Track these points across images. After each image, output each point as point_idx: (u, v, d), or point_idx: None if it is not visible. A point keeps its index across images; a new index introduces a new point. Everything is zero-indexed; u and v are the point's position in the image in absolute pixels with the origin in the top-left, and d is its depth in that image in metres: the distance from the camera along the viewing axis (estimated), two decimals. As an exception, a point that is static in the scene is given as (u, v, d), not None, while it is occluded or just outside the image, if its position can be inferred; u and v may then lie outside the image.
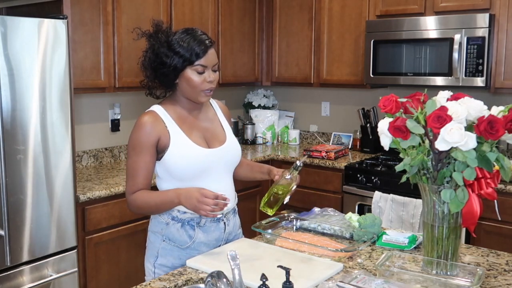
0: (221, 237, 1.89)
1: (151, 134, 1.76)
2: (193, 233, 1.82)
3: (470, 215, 1.53)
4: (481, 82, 3.17)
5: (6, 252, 2.39)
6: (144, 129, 1.77)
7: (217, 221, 1.86)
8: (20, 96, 2.40)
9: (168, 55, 1.74)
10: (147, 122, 1.78)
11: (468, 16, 3.20)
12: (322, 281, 1.53)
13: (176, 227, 1.82)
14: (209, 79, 1.77)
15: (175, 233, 1.83)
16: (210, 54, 1.77)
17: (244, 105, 4.69)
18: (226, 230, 1.90)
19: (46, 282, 2.55)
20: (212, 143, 1.87)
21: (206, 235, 1.84)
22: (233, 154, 1.93)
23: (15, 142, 2.39)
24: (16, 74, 2.37)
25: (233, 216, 1.96)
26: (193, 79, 1.76)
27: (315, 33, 4.00)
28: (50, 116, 2.53)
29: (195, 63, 1.75)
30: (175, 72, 1.76)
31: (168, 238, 1.84)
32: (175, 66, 1.75)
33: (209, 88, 1.79)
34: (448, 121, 1.42)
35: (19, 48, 2.37)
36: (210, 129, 1.90)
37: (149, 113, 1.81)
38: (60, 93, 2.56)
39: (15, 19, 2.37)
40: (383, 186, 3.31)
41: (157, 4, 3.36)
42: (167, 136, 1.78)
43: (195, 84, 1.77)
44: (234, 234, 1.96)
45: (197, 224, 1.83)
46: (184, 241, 1.83)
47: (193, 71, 1.76)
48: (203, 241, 1.84)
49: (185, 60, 1.74)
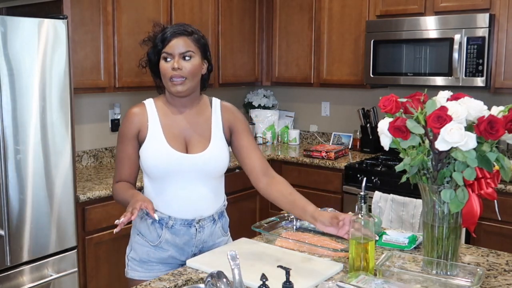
0: (192, 243, 1.83)
1: (132, 125, 1.79)
2: (161, 232, 1.81)
3: (470, 215, 1.53)
4: (481, 82, 3.17)
5: (6, 252, 2.39)
6: (127, 120, 1.80)
7: (188, 226, 1.81)
8: (20, 96, 2.40)
9: (150, 51, 1.81)
10: (131, 114, 1.80)
11: (468, 16, 3.20)
12: (322, 281, 1.53)
13: (147, 223, 1.82)
14: (174, 66, 1.72)
15: (146, 229, 1.83)
16: (176, 41, 1.74)
17: (244, 105, 4.69)
18: (197, 236, 1.83)
19: (46, 282, 2.55)
20: (191, 147, 1.80)
21: (173, 237, 1.81)
22: (212, 162, 1.81)
23: (15, 142, 2.39)
24: (16, 74, 2.37)
25: (212, 224, 1.86)
26: (162, 67, 1.76)
27: (315, 33, 4.00)
28: (50, 116, 2.53)
29: (162, 51, 1.75)
30: (156, 65, 1.79)
31: (141, 232, 1.84)
32: (151, 59, 1.80)
33: (174, 76, 1.73)
34: (448, 121, 1.42)
35: (19, 48, 2.37)
36: (195, 132, 1.82)
37: (138, 105, 1.83)
38: (60, 93, 2.56)
39: (15, 19, 2.37)
40: (383, 186, 3.31)
41: (157, 4, 3.36)
42: (145, 130, 1.78)
43: (163, 72, 1.76)
44: (211, 243, 1.88)
45: (166, 224, 1.80)
46: (153, 238, 1.82)
47: (162, 60, 1.76)
48: (171, 242, 1.82)
49: (155, 50, 1.77)
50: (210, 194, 1.84)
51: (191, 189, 1.80)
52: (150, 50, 1.81)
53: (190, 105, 1.85)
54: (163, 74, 1.76)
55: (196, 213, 1.81)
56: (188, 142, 1.81)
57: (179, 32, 1.76)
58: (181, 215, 1.80)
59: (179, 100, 1.82)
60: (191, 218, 1.80)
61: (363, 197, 1.51)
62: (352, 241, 1.51)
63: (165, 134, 1.78)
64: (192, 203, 1.81)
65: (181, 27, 1.78)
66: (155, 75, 1.84)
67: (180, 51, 1.74)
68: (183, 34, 1.76)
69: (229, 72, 4.02)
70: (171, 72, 1.73)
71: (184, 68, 1.73)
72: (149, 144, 1.78)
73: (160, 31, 1.79)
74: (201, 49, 1.80)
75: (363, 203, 1.50)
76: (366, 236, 1.49)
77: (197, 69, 1.77)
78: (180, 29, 1.77)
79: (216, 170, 1.84)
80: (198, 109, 1.86)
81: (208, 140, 1.82)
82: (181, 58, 1.74)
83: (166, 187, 1.79)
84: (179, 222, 1.80)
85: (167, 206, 1.80)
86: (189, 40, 1.76)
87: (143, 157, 1.79)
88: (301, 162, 3.76)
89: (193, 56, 1.76)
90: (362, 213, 1.49)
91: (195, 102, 1.85)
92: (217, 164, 1.83)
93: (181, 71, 1.73)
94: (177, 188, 1.78)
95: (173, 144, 1.77)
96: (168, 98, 1.84)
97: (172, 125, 1.81)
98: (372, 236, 1.49)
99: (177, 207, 1.80)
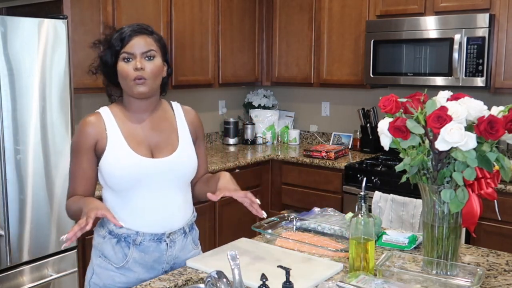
0: (162, 259, 1.69)
1: (88, 137, 1.64)
2: (128, 252, 1.65)
3: (470, 215, 1.53)
4: (481, 82, 3.17)
5: (6, 252, 2.39)
6: (82, 131, 1.65)
7: (158, 241, 1.67)
8: (20, 96, 2.40)
9: (103, 53, 1.68)
10: (86, 124, 1.65)
11: (468, 16, 3.20)
12: (322, 281, 1.53)
13: (111, 242, 1.66)
14: (137, 66, 1.60)
15: (110, 249, 1.66)
16: (137, 40, 1.62)
17: (244, 105, 4.69)
18: (168, 252, 1.69)
19: (46, 282, 2.55)
20: (157, 153, 1.68)
21: (142, 255, 1.66)
22: (182, 166, 1.71)
23: (15, 142, 2.40)
24: (16, 74, 2.37)
25: (183, 237, 1.73)
26: (121, 69, 1.62)
27: (315, 33, 4.00)
28: (50, 116, 2.53)
29: (121, 52, 1.62)
30: (112, 67, 1.65)
31: (104, 254, 1.68)
32: (106, 61, 1.66)
33: (138, 76, 1.60)
34: (448, 121, 1.42)
35: (19, 48, 2.37)
36: (160, 136, 1.71)
37: (92, 115, 1.68)
38: (60, 93, 2.56)
39: (15, 19, 2.37)
40: (383, 186, 3.31)
41: (157, 4, 3.36)
42: (104, 139, 1.64)
43: (124, 74, 1.62)
44: (183, 258, 1.73)
45: (133, 241, 1.65)
46: (118, 259, 1.66)
47: (121, 61, 1.63)
48: (139, 261, 1.66)
49: (112, 51, 1.64)
50: (182, 202, 1.73)
51: (162, 197, 1.67)
52: (104, 52, 1.68)
53: (151, 110, 1.72)
54: (124, 76, 1.62)
55: (167, 226, 1.68)
56: (154, 148, 1.68)
57: (139, 31, 1.65)
58: (151, 229, 1.65)
59: (138, 104, 1.69)
60: (161, 232, 1.67)
61: (363, 197, 1.51)
62: (352, 241, 1.52)
63: (127, 141, 1.65)
64: (163, 213, 1.68)
65: (140, 26, 1.67)
66: (110, 80, 1.71)
67: (142, 50, 1.62)
68: (144, 33, 1.65)
69: (229, 72, 4.02)
70: (134, 73, 1.61)
71: (146, 68, 1.62)
72: (110, 154, 1.63)
73: (115, 32, 1.67)
74: (161, 50, 1.69)
75: (363, 203, 1.50)
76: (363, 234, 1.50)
77: (159, 70, 1.67)
78: (139, 27, 1.66)
79: (187, 175, 1.74)
80: (160, 114, 1.75)
81: (175, 144, 1.71)
82: (143, 58, 1.62)
83: (133, 198, 1.65)
84: (148, 238, 1.65)
85: (135, 220, 1.65)
86: (151, 39, 1.66)
87: (105, 169, 1.64)
88: (301, 162, 3.76)
89: (156, 56, 1.65)
90: (362, 213, 1.50)
91: (156, 107, 1.74)
92: (187, 168, 1.73)
93: (143, 72, 1.61)
94: (146, 198, 1.65)
95: (138, 150, 1.65)
96: (126, 103, 1.70)
97: (134, 132, 1.68)
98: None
99: (147, 220, 1.65)
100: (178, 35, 3.51)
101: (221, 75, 3.94)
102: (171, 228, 1.69)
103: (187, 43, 3.60)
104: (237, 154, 3.98)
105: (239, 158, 3.78)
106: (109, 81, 1.72)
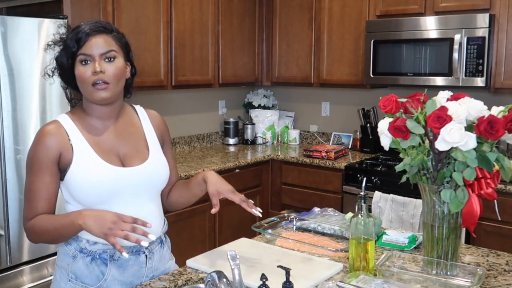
0: (141, 273, 1.57)
1: (50, 149, 1.47)
2: (105, 269, 1.52)
3: (470, 215, 1.53)
4: (481, 82, 3.17)
5: (6, 252, 2.40)
6: (42, 144, 1.48)
7: (137, 253, 1.55)
8: (20, 96, 2.40)
9: (59, 54, 1.54)
10: (46, 135, 1.49)
11: (468, 16, 3.20)
12: (322, 281, 1.52)
13: (85, 261, 1.51)
14: (96, 69, 1.45)
15: (83, 269, 1.51)
16: (94, 40, 1.47)
17: (244, 105, 4.69)
18: (148, 264, 1.59)
19: (46, 282, 2.55)
20: (128, 161, 1.56)
21: (121, 272, 1.53)
22: (156, 174, 1.60)
23: (15, 142, 2.40)
24: (16, 74, 2.37)
25: (160, 247, 1.64)
26: (79, 72, 1.48)
27: (315, 33, 4.00)
28: (50, 116, 2.53)
29: (78, 53, 1.47)
30: (69, 70, 1.51)
31: (75, 275, 1.52)
32: (62, 64, 1.52)
33: (98, 80, 1.46)
34: (448, 121, 1.42)
35: (19, 48, 2.37)
36: (129, 144, 1.58)
37: (51, 124, 1.52)
38: (60, 93, 2.56)
39: (15, 19, 2.38)
40: (383, 186, 3.31)
41: (157, 4, 3.36)
42: (69, 151, 1.49)
43: (81, 79, 1.48)
44: (162, 269, 1.64)
45: (111, 258, 1.51)
46: (94, 279, 1.51)
47: (78, 63, 1.48)
48: (118, 279, 1.53)
49: (68, 53, 1.49)
50: (156, 211, 1.64)
51: (138, 208, 1.55)
52: (59, 54, 1.53)
53: (115, 115, 1.59)
54: (82, 80, 1.48)
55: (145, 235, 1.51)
56: (123, 157, 1.56)
57: (96, 30, 1.49)
58: (129, 242, 1.43)
59: (101, 111, 1.55)
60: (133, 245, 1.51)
61: (363, 197, 1.50)
62: (352, 241, 1.52)
63: (96, 151, 1.51)
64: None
65: (98, 24, 1.51)
66: (67, 84, 1.57)
67: (100, 52, 1.48)
68: (102, 32, 1.50)
69: (229, 72, 4.02)
70: (92, 76, 1.46)
71: (107, 71, 1.47)
72: (79, 165, 1.49)
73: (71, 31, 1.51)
74: (123, 49, 1.55)
75: (363, 203, 1.50)
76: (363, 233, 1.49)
77: (121, 72, 1.52)
78: (97, 26, 1.50)
79: (161, 183, 1.64)
80: (125, 119, 1.62)
81: (145, 152, 1.60)
82: (102, 59, 1.48)
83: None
84: (126, 251, 1.43)
85: None
86: (110, 38, 1.51)
87: (73, 183, 1.49)
88: (301, 162, 3.76)
89: (117, 57, 1.51)
90: (362, 213, 1.50)
91: (119, 112, 1.61)
92: (161, 176, 1.63)
93: (103, 75, 1.47)
94: (120, 210, 1.46)
95: (108, 160, 1.52)
96: (87, 109, 1.56)
97: (100, 140, 1.54)
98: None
99: None
100: (178, 35, 3.51)
101: (221, 75, 3.94)
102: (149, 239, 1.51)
103: (187, 43, 3.60)
104: (237, 154, 3.98)
105: (239, 158, 3.78)
106: (67, 85, 1.59)
